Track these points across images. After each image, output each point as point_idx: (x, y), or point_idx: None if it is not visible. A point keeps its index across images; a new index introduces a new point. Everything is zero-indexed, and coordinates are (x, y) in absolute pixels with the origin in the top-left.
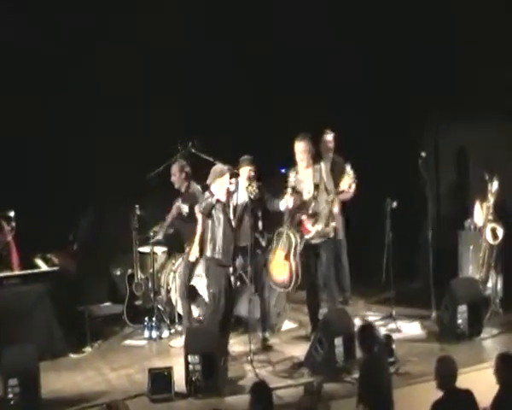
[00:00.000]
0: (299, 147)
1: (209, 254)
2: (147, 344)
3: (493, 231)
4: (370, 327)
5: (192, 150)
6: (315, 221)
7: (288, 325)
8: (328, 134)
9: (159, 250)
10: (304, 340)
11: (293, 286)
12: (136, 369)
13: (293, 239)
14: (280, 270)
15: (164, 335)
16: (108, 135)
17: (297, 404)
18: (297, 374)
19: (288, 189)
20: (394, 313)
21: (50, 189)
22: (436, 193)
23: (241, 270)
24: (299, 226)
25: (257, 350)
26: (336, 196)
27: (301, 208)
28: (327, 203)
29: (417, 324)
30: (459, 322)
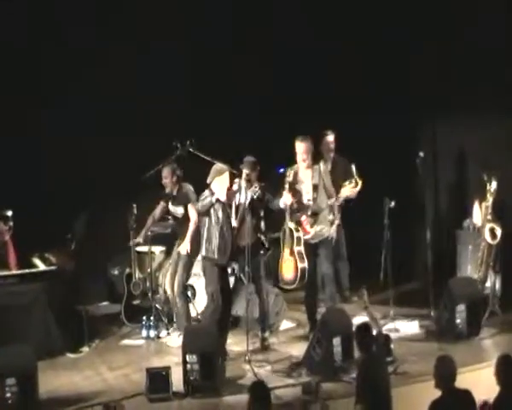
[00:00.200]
0: (300, 148)
1: (204, 253)
2: (145, 344)
3: (492, 231)
4: (368, 326)
5: (190, 149)
6: (314, 222)
7: (287, 325)
8: (329, 135)
9: (157, 250)
10: (302, 339)
11: (299, 279)
12: (133, 368)
13: (294, 233)
14: (288, 268)
15: (162, 334)
16: (106, 134)
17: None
18: (295, 374)
19: (285, 185)
20: (393, 313)
21: (48, 188)
22: (435, 192)
23: (241, 270)
24: (300, 225)
25: (255, 350)
26: (336, 202)
27: (300, 209)
28: (326, 204)
29: (416, 323)
30: (458, 322)
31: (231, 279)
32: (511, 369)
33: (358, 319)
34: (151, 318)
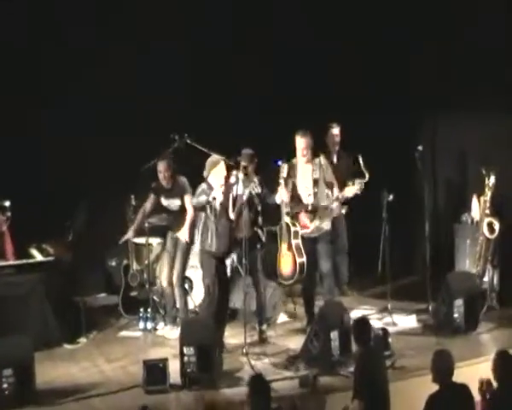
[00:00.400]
0: (301, 143)
1: (201, 246)
2: (142, 335)
3: (490, 225)
4: (366, 320)
5: (188, 141)
6: (314, 217)
7: (284, 318)
8: (334, 128)
9: (154, 241)
10: (300, 333)
11: (298, 274)
12: (131, 360)
13: (291, 227)
14: (286, 262)
15: (159, 326)
16: (106, 134)
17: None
18: (292, 367)
19: (280, 180)
20: (390, 307)
21: (46, 179)
22: (433, 186)
23: (238, 262)
24: (296, 220)
25: (253, 342)
26: (338, 200)
27: (299, 203)
28: (327, 199)
29: (413, 317)
30: (455, 316)
31: (228, 271)
32: (508, 364)
33: (356, 313)
34: (148, 310)
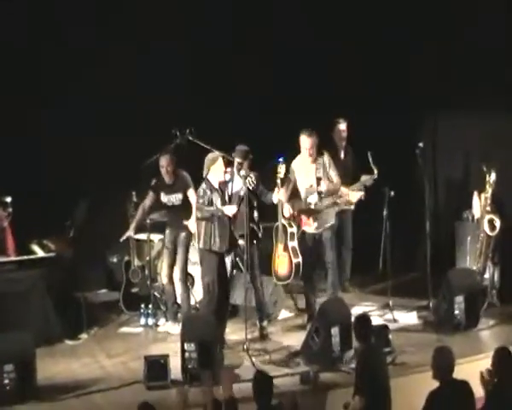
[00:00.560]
0: (306, 142)
1: (202, 245)
2: (143, 331)
3: (491, 223)
4: (367, 317)
5: (189, 138)
6: (317, 215)
7: (285, 314)
8: (341, 123)
9: (155, 238)
10: (300, 329)
11: (294, 274)
12: (132, 356)
13: (288, 228)
14: (282, 263)
15: (160, 322)
16: (106, 134)
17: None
18: (293, 363)
19: (277, 181)
20: (391, 303)
21: (48, 175)
22: (434, 183)
23: (235, 258)
24: (299, 218)
25: (253, 339)
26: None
27: (300, 202)
28: (330, 197)
29: (414, 314)
30: (456, 313)
31: (228, 268)
32: (508, 361)
33: (357, 310)
34: (149, 306)
